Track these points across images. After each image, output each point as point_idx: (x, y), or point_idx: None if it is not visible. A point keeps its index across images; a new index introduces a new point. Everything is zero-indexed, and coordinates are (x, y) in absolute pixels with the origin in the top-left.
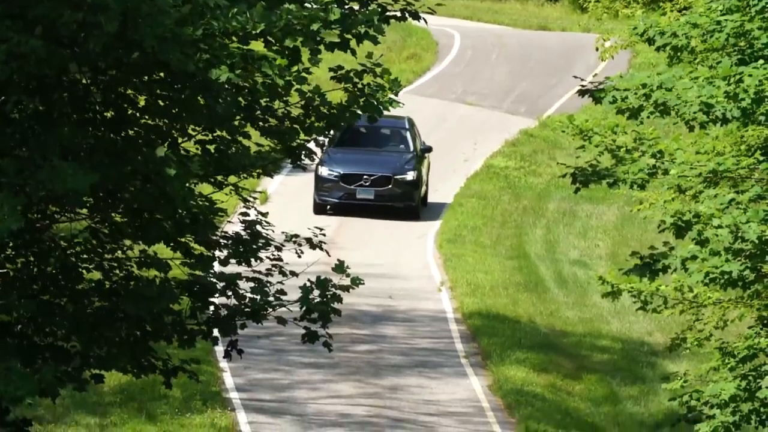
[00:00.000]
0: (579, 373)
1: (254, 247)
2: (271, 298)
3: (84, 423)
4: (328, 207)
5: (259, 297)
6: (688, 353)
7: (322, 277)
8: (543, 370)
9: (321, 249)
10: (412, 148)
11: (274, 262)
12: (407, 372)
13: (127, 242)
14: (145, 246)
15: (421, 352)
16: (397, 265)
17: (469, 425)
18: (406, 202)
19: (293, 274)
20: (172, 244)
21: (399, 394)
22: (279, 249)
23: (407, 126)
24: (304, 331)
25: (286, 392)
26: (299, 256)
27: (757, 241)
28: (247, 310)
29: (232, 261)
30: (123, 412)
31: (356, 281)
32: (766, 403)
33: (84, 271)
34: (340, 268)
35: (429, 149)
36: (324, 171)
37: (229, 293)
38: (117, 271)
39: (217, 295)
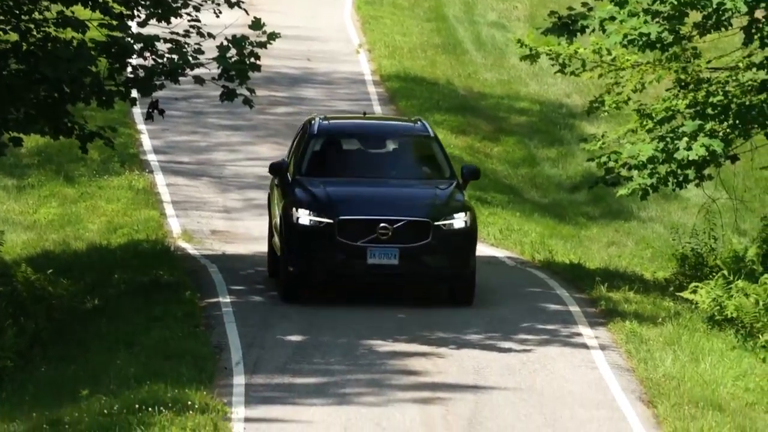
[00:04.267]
0: (497, 135)
1: (173, 5)
2: (188, 58)
3: (1, 185)
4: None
5: (176, 57)
6: (606, 115)
7: (239, 36)
8: (461, 132)
9: (239, 7)
10: (448, 172)
11: (192, 23)
12: None
13: (45, 2)
14: (63, 6)
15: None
16: (315, 27)
17: None
18: (455, 269)
19: (210, 35)
20: (90, 4)
21: None
22: (197, 9)
23: (430, 132)
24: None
25: (204, 154)
26: (217, 16)
27: (675, 2)
28: (165, 69)
29: (151, 21)
30: (41, 174)
31: (273, 36)
32: (684, 164)
33: (1, 32)
34: (256, 24)
35: (476, 172)
36: (303, 216)
37: (147, 54)
38: (34, 33)
39: (134, 56)
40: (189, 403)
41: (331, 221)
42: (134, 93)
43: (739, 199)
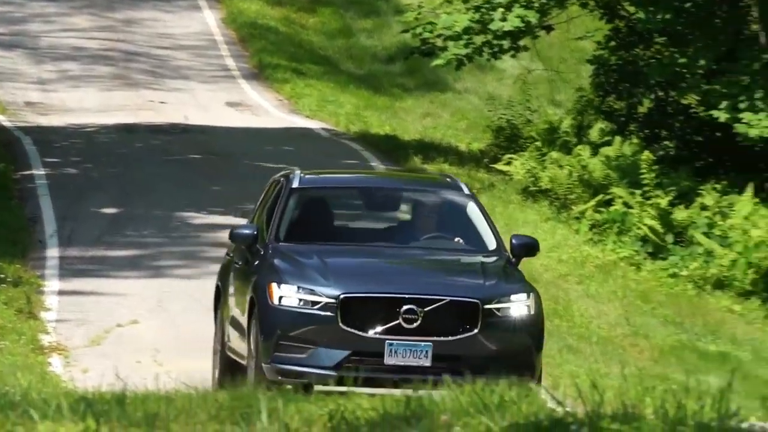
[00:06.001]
0: (313, 6)
1: None
2: None
3: None
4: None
5: None
6: None
7: None
8: (277, 3)
9: None
10: (494, 244)
11: None
12: (142, 5)
13: None
14: None
15: None
16: None
17: (202, 58)
18: (515, 372)
19: None
20: None
21: (133, 28)
22: None
23: (464, 188)
24: None
25: (19, 25)
26: None
27: None
28: None
29: None
30: None
31: None
32: (499, 35)
33: None
34: None
35: (531, 246)
36: (287, 293)
37: None
38: None
39: None
40: (2, 276)
41: (330, 300)
42: None
43: (554, 70)
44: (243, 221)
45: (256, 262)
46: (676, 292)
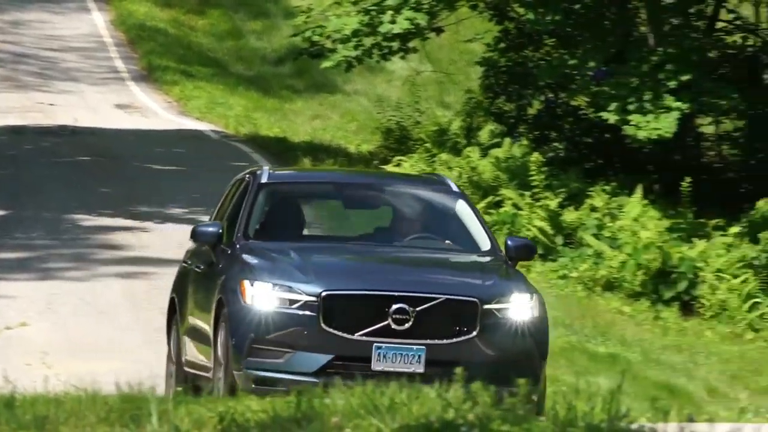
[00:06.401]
0: (202, 8)
1: None
2: None
3: None
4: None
5: None
6: None
7: None
8: (166, 4)
9: None
10: (488, 245)
11: None
12: (29, 6)
13: None
14: None
15: None
16: None
17: (91, 60)
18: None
19: None
20: None
21: (21, 29)
22: None
23: (452, 186)
24: None
25: None
26: None
27: None
28: None
29: None
30: None
31: None
32: (388, 37)
33: None
34: None
35: (528, 249)
36: (261, 291)
37: None
38: None
39: None
40: None
41: (311, 298)
42: None
43: (443, 72)
44: (136, 223)
45: (222, 263)
46: (566, 293)
